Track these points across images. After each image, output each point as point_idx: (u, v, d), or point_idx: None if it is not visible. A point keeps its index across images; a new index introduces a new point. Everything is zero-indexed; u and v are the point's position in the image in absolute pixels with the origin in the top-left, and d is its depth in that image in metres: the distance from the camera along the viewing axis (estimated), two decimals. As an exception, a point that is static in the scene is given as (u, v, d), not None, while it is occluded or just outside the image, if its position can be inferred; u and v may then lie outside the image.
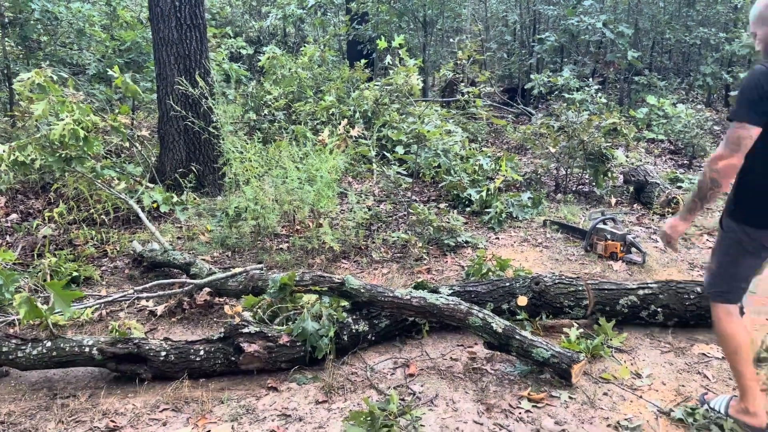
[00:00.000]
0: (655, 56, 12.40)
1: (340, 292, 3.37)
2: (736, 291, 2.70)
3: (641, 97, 9.45)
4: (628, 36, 9.42)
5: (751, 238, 2.58)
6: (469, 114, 8.08)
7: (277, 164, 4.76)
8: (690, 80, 10.93)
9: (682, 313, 3.51)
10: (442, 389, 3.03)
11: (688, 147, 7.59)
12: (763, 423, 2.66)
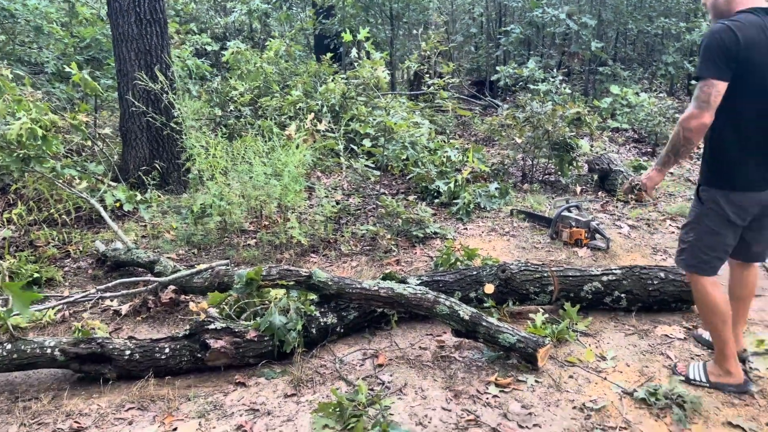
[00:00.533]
0: (619, 47, 12.60)
1: (308, 285, 3.35)
2: (714, 262, 2.77)
3: (605, 88, 9.60)
4: (591, 27, 9.56)
5: (734, 203, 2.63)
6: (436, 106, 8.10)
7: (243, 159, 4.71)
8: (653, 70, 11.13)
9: (645, 298, 3.58)
10: (411, 378, 3.04)
11: (651, 135, 7.74)
12: (741, 378, 2.83)
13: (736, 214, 2.66)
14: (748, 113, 2.54)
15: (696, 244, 2.77)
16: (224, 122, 7.13)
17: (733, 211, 2.65)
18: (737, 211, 2.65)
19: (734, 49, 2.44)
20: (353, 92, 6.94)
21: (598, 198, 6.03)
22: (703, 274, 2.79)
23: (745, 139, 2.58)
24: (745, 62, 2.45)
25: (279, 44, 8.56)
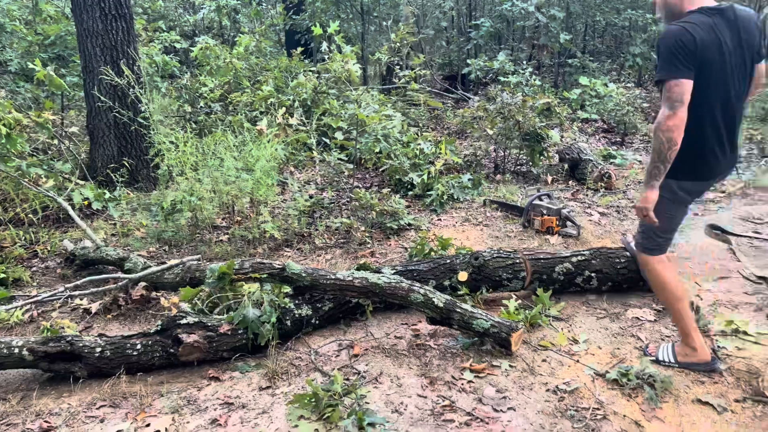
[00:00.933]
0: (588, 39, 12.75)
1: (282, 277, 3.33)
2: (667, 242, 2.92)
3: (575, 79, 9.70)
4: (560, 19, 9.65)
5: (688, 192, 2.77)
6: (408, 100, 8.11)
7: (213, 154, 4.65)
8: (621, 61, 11.29)
9: (614, 276, 3.66)
10: (387, 367, 3.05)
11: (620, 125, 7.85)
12: (707, 355, 2.91)
13: (687, 198, 2.82)
14: (706, 109, 2.62)
15: (652, 228, 2.87)
16: (194, 119, 7.04)
17: (685, 195, 2.79)
18: (688, 195, 2.81)
19: (692, 48, 2.50)
20: (325, 86, 6.91)
21: (568, 187, 6.11)
22: (654, 254, 2.92)
23: (704, 134, 2.66)
24: (702, 61, 2.53)
25: (249, 40, 8.48)
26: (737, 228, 4.86)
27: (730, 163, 2.79)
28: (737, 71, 2.62)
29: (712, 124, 2.66)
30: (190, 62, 10.70)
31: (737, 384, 2.82)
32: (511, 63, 8.97)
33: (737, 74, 2.62)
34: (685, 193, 2.79)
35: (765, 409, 2.64)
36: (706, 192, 2.94)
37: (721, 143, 2.69)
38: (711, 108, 2.63)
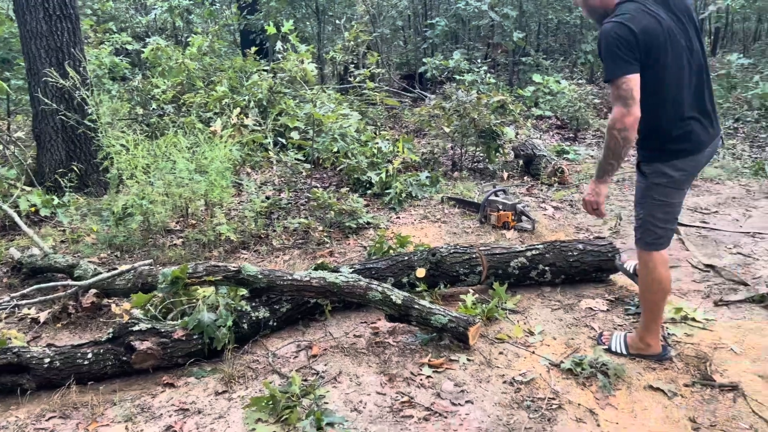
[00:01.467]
0: (542, 38, 12.99)
1: (237, 280, 3.28)
2: (668, 234, 2.84)
3: (529, 77, 9.87)
4: (513, 18, 9.80)
5: (681, 169, 2.69)
6: (365, 98, 8.10)
7: (166, 157, 4.56)
8: (573, 59, 11.53)
9: (567, 269, 3.73)
10: (346, 366, 3.04)
11: (573, 121, 8.02)
12: (659, 348, 2.97)
13: (684, 178, 2.73)
14: (668, 89, 2.62)
15: (648, 219, 2.80)
16: (146, 121, 6.89)
17: (680, 175, 2.71)
18: (684, 174, 2.72)
19: (633, 40, 2.50)
20: (280, 86, 6.85)
21: (524, 182, 6.21)
22: (658, 249, 2.83)
23: (678, 111, 2.65)
24: (648, 48, 2.54)
25: (202, 40, 8.34)
26: (685, 218, 5.01)
27: (714, 130, 2.77)
28: (685, 42, 2.62)
29: (678, 100, 2.64)
30: (142, 64, 10.47)
31: (687, 369, 2.91)
32: (466, 62, 9.06)
33: (685, 45, 2.62)
34: (681, 173, 2.71)
35: (713, 393, 2.73)
36: (701, 168, 2.84)
37: (692, 115, 2.67)
38: (672, 86, 2.62)
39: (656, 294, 2.86)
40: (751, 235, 4.63)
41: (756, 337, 3.17)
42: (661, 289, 2.86)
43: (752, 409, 2.60)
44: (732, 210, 5.27)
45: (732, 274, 3.91)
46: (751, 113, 8.46)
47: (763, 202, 5.46)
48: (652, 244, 2.82)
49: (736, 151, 7.18)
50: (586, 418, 2.57)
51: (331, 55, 7.75)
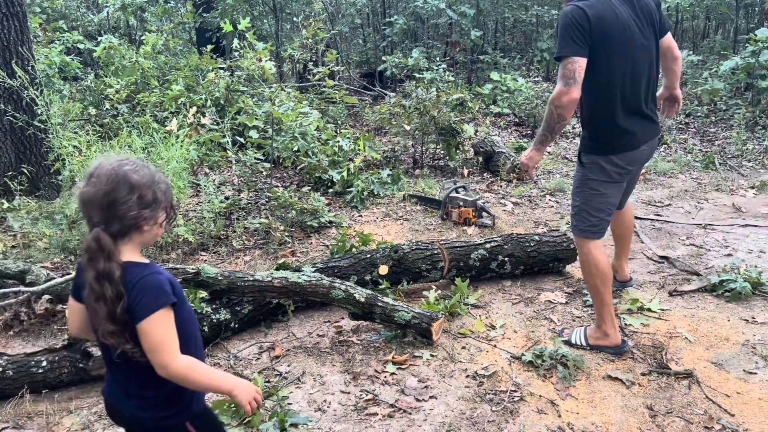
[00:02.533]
0: (499, 36, 13.15)
1: (196, 282, 3.21)
2: (602, 224, 2.94)
3: (487, 75, 9.97)
4: (470, 16, 9.88)
5: (615, 164, 2.81)
6: (325, 96, 8.06)
7: (120, 157, 4.43)
8: (529, 57, 11.71)
9: (525, 259, 3.83)
10: (310, 366, 3.02)
11: (530, 118, 8.14)
12: (618, 340, 3.02)
13: (618, 174, 2.85)
14: (614, 80, 2.72)
15: (583, 208, 2.92)
16: (100, 121, 6.70)
17: (615, 172, 2.83)
18: (619, 171, 2.84)
19: (586, 26, 2.61)
20: (238, 84, 6.75)
21: (483, 179, 6.28)
22: (592, 238, 2.94)
23: (616, 104, 2.75)
24: (600, 36, 2.63)
25: (156, 38, 8.15)
26: (640, 211, 5.15)
27: (652, 130, 2.89)
28: (640, 41, 2.73)
29: (622, 95, 2.74)
30: (94, 63, 10.18)
31: (643, 358, 2.99)
32: (425, 60, 9.10)
33: (640, 44, 2.73)
34: (616, 168, 2.81)
35: (669, 381, 2.81)
36: (640, 165, 2.99)
37: (635, 111, 2.79)
38: (618, 78, 2.72)
39: (596, 277, 2.94)
40: (703, 227, 4.79)
41: (709, 326, 3.28)
42: (600, 272, 2.93)
43: (706, 395, 2.69)
44: (684, 202, 5.43)
45: (685, 265, 4.04)
46: (701, 108, 8.75)
47: (714, 195, 5.65)
48: (586, 231, 2.95)
49: (687, 145, 7.41)
50: (547, 409, 2.62)
51: (289, 53, 7.68)
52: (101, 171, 1.50)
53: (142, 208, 1.51)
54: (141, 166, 1.55)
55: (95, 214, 1.49)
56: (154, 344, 1.48)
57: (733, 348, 3.06)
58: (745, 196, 5.58)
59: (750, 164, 6.61)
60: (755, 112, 8.06)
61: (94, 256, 1.46)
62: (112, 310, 1.46)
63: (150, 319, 1.47)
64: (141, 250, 1.60)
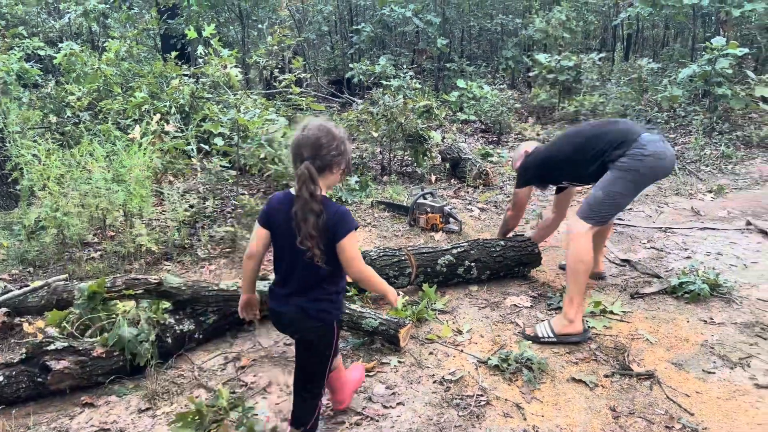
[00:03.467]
0: (465, 44, 13.30)
1: (159, 292, 3.16)
2: (611, 217, 3.34)
3: (453, 82, 10.07)
4: (436, 25, 9.98)
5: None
6: (292, 103, 8.02)
7: (80, 166, 4.34)
8: (495, 64, 11.86)
9: (492, 264, 3.88)
10: (276, 375, 2.99)
11: (496, 124, 8.25)
12: (581, 327, 3.16)
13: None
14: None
15: (606, 200, 3.22)
16: (60, 129, 6.55)
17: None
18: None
19: None
20: (203, 91, 6.68)
21: (451, 185, 6.32)
22: (597, 225, 3.25)
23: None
24: None
25: (119, 45, 8.02)
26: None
27: None
28: None
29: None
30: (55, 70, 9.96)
31: (606, 360, 3.04)
32: (392, 67, 9.15)
33: None
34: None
35: (631, 382, 2.86)
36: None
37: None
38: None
39: (585, 264, 3.19)
40: (663, 230, 4.90)
41: (669, 327, 3.35)
42: (589, 260, 3.21)
43: (667, 395, 2.74)
44: (645, 207, 5.56)
45: (646, 268, 4.12)
46: (661, 115, 8.97)
47: (674, 199, 5.79)
48: (595, 218, 3.25)
49: (647, 151, 7.57)
50: (513, 413, 2.64)
51: (254, 59, 7.63)
52: (312, 123, 2.09)
53: (335, 155, 2.08)
54: (339, 126, 2.14)
55: (306, 151, 2.05)
56: (352, 255, 2.10)
57: (692, 348, 3.13)
58: (704, 200, 5.73)
59: (708, 169, 6.80)
60: (712, 118, 8.31)
61: (306, 180, 2.01)
62: (315, 221, 2.01)
63: (348, 236, 2.08)
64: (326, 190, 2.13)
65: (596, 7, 14.21)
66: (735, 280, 3.87)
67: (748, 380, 2.84)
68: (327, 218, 2.04)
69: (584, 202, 3.27)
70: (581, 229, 3.21)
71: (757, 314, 3.46)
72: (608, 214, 3.27)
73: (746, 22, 10.68)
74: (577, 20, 11.38)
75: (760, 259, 4.25)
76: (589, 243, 3.20)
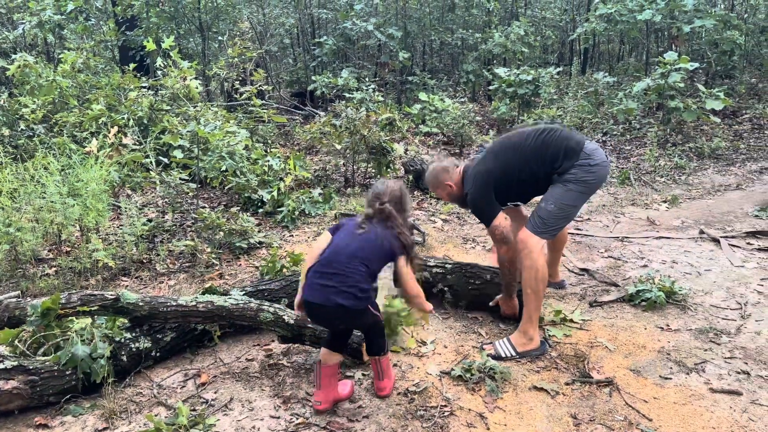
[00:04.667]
0: (427, 58, 13.46)
1: (116, 308, 3.08)
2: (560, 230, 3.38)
3: (416, 95, 10.16)
4: (398, 38, 10.07)
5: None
6: (254, 116, 7.97)
7: (34, 180, 4.22)
8: (456, 78, 12.03)
9: (466, 295, 3.72)
10: (238, 392, 2.94)
11: (458, 137, 8.34)
12: (539, 342, 3.21)
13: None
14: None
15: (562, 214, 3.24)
16: (14, 142, 6.36)
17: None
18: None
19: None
20: (162, 104, 6.58)
21: (414, 197, 6.36)
22: (548, 239, 3.30)
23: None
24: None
25: (75, 56, 7.85)
26: (562, 226, 5.34)
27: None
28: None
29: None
30: (9, 81, 9.67)
31: (567, 368, 3.08)
32: (355, 80, 9.18)
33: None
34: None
35: (591, 389, 2.91)
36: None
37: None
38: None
39: (541, 281, 3.17)
40: (620, 240, 5.02)
41: (627, 334, 3.42)
42: (544, 276, 3.20)
43: (626, 402, 2.79)
44: (603, 217, 5.69)
45: (604, 277, 4.21)
46: (616, 127, 9.22)
47: (630, 209, 5.94)
48: (546, 233, 3.26)
49: (605, 163, 7.77)
50: (476, 423, 2.65)
51: (214, 72, 7.56)
52: (391, 184, 2.91)
53: (404, 210, 2.88)
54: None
55: (387, 198, 2.82)
56: (407, 272, 2.80)
57: (649, 355, 3.20)
58: (659, 210, 5.90)
59: (662, 179, 7.01)
60: (666, 131, 8.58)
61: (389, 214, 2.79)
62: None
63: (401, 258, 2.77)
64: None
65: (553, 22, 14.58)
66: (689, 287, 3.99)
67: (703, 385, 2.92)
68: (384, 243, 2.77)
69: (536, 216, 3.23)
70: (537, 245, 3.17)
71: (711, 320, 3.57)
72: (560, 227, 3.30)
73: (697, 37, 11.10)
74: (535, 35, 11.64)
75: (712, 266, 4.39)
76: (543, 257, 3.22)
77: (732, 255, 4.58)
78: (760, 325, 3.49)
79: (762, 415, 2.68)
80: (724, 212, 5.76)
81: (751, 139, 8.92)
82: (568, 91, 10.37)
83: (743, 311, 3.67)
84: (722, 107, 8.09)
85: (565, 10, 14.56)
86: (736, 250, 4.70)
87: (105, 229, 4.72)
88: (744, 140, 8.82)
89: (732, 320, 3.57)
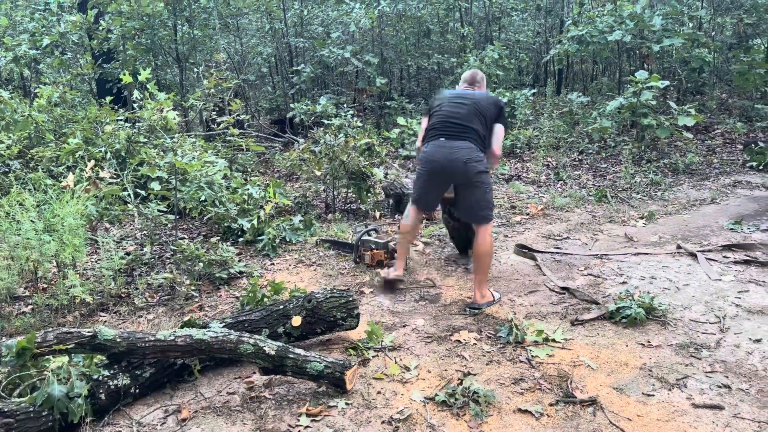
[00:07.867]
0: (405, 83, 13.61)
1: (93, 346, 3.02)
2: None
3: (394, 120, 10.25)
4: (374, 65, 10.18)
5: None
6: (232, 145, 7.97)
7: (9, 217, 4.16)
8: (434, 102, 12.14)
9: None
10: (219, 427, 2.89)
11: (438, 159, 8.40)
12: (492, 295, 4.19)
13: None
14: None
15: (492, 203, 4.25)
16: (-12, 179, 6.27)
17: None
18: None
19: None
20: (139, 136, 6.56)
21: (395, 220, 6.37)
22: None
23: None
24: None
25: (51, 91, 7.82)
26: (540, 245, 5.38)
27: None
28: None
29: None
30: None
31: (551, 389, 3.08)
32: (333, 106, 9.25)
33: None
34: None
35: (575, 409, 2.91)
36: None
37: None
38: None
39: (489, 258, 4.18)
40: (599, 257, 5.07)
41: (609, 352, 3.44)
42: (492, 253, 4.23)
43: (610, 420, 2.79)
44: (581, 235, 5.74)
45: (585, 295, 4.24)
46: (592, 146, 9.37)
47: (608, 226, 6.01)
48: (491, 219, 4.26)
49: (581, 181, 7.88)
50: (462, 449, 2.63)
51: (190, 103, 7.57)
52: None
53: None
54: None
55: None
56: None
57: (632, 372, 3.21)
58: (636, 226, 5.97)
59: (638, 196, 7.11)
60: (641, 147, 8.73)
61: None
62: None
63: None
64: None
65: (527, 45, 14.86)
66: (669, 302, 4.03)
67: (685, 400, 2.93)
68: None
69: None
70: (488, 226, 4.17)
71: (691, 335, 3.60)
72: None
73: (667, 56, 11.37)
74: (509, 58, 11.84)
75: (690, 281, 4.44)
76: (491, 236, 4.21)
77: (709, 269, 4.64)
78: (739, 338, 3.53)
79: (744, 428, 2.70)
80: (700, 226, 5.85)
81: (724, 153, 9.11)
82: (543, 111, 10.53)
83: (722, 325, 3.71)
84: (694, 123, 8.26)
85: (538, 33, 14.86)
86: (713, 264, 4.77)
87: (82, 264, 4.66)
88: (717, 155, 9.01)
89: (711, 334, 3.60)
